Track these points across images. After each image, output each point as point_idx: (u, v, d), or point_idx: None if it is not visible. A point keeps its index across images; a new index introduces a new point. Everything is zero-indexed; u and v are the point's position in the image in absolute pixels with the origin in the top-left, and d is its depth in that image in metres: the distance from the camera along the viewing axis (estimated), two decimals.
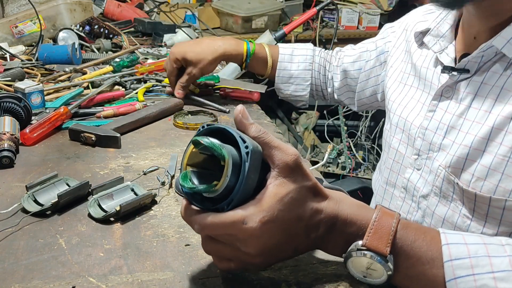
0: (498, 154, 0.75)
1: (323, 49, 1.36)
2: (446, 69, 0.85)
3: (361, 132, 2.98)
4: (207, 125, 0.59)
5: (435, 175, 0.85)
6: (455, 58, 0.87)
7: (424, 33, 0.95)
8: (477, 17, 0.82)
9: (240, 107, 0.59)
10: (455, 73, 0.83)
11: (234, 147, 0.57)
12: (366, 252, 0.59)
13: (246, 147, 0.56)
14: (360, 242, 0.60)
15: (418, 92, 0.94)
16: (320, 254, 0.69)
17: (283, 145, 0.59)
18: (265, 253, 0.59)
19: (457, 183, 0.80)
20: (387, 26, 1.20)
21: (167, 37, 2.04)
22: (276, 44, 1.76)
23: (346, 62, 1.25)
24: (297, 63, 1.31)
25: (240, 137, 0.57)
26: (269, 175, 0.58)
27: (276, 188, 0.57)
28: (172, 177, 0.89)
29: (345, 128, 2.94)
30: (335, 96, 1.32)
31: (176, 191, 0.62)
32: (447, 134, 0.84)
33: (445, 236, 0.61)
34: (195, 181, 0.58)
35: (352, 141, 2.97)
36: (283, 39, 2.02)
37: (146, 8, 2.57)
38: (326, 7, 2.50)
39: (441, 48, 0.89)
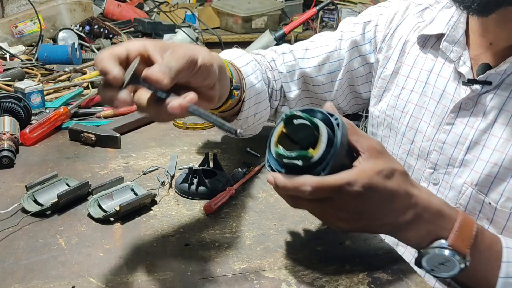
0: None
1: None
2: (469, 82, 0.79)
3: None
4: (290, 112, 0.64)
5: (459, 193, 0.80)
6: (471, 67, 0.82)
7: (435, 37, 0.88)
8: (495, 23, 0.77)
9: (329, 103, 0.66)
10: (478, 86, 0.78)
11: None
12: (447, 250, 0.63)
13: (336, 118, 0.62)
14: (443, 241, 0.64)
15: (431, 102, 0.86)
16: (320, 254, 0.69)
17: (367, 135, 0.65)
18: (357, 219, 0.63)
19: (489, 203, 0.76)
20: (357, 19, 1.01)
21: (167, 37, 2.05)
22: (274, 45, 1.76)
23: (305, 67, 1.02)
24: (254, 73, 0.92)
25: (327, 112, 0.63)
26: (357, 160, 0.63)
27: (372, 164, 0.62)
28: (172, 177, 0.89)
29: None
30: (293, 106, 1.05)
31: (267, 167, 0.64)
32: (469, 150, 0.79)
33: (505, 240, 0.68)
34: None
35: None
36: (283, 39, 2.02)
37: (146, 8, 2.57)
38: (326, 7, 2.51)
39: (457, 55, 0.83)
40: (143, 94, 0.60)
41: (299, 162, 0.60)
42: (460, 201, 0.80)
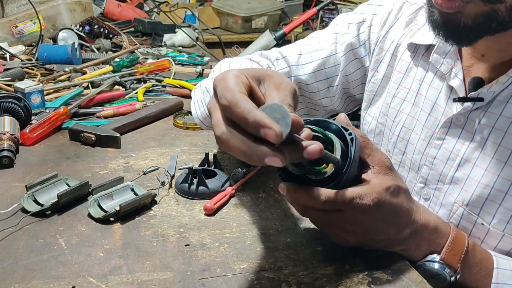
0: None
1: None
2: (460, 100, 0.77)
3: None
4: (304, 119, 0.64)
5: (450, 211, 0.78)
6: (464, 78, 0.79)
7: (425, 47, 0.85)
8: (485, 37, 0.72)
9: (343, 114, 0.66)
10: (469, 103, 0.75)
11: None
12: (440, 264, 0.67)
13: (350, 133, 0.62)
14: (435, 256, 0.68)
15: (423, 114, 0.83)
16: (320, 254, 0.69)
17: (379, 149, 0.66)
18: (361, 232, 0.64)
19: (481, 223, 0.75)
20: (350, 19, 0.96)
21: (167, 37, 2.05)
22: (274, 45, 1.75)
23: (299, 74, 0.97)
24: None
25: (342, 126, 0.63)
26: (366, 172, 0.64)
27: (381, 179, 0.64)
28: (172, 177, 0.89)
29: None
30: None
31: (278, 175, 0.65)
32: (460, 167, 0.77)
33: (496, 260, 0.71)
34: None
35: None
36: (283, 39, 2.02)
37: (146, 8, 2.57)
38: (326, 7, 2.51)
39: (448, 67, 0.80)
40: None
41: (313, 177, 0.62)
42: (451, 220, 0.78)
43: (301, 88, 0.99)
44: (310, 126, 0.61)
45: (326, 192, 0.61)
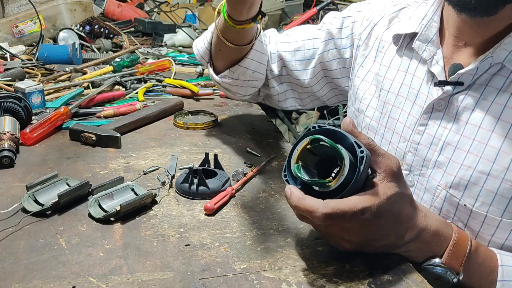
0: (506, 180, 0.72)
1: None
2: (440, 83, 0.79)
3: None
4: (319, 126, 0.64)
5: (434, 195, 0.80)
6: (444, 66, 0.81)
7: (409, 36, 0.87)
8: (472, 25, 0.76)
9: (348, 118, 0.65)
10: (449, 87, 0.78)
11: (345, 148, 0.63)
12: (442, 268, 0.67)
13: (362, 151, 0.61)
14: (437, 260, 0.68)
15: (407, 103, 0.85)
16: (320, 254, 0.69)
17: (388, 153, 0.65)
18: (360, 241, 0.65)
19: (464, 205, 0.76)
20: (337, 14, 1.04)
21: (167, 37, 2.05)
22: None
23: (282, 50, 1.06)
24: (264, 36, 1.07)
25: (355, 141, 0.62)
26: (373, 178, 0.64)
27: (384, 188, 0.63)
28: (172, 177, 0.89)
29: None
30: (274, 85, 1.09)
31: (283, 177, 0.66)
32: (442, 151, 0.78)
33: (500, 258, 0.71)
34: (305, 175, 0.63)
35: None
36: None
37: (146, 8, 2.57)
38: (326, 7, 2.50)
39: (430, 54, 0.82)
40: None
41: (316, 188, 0.63)
42: (434, 204, 0.80)
43: (284, 66, 1.08)
44: (322, 137, 0.61)
45: (325, 208, 0.60)
